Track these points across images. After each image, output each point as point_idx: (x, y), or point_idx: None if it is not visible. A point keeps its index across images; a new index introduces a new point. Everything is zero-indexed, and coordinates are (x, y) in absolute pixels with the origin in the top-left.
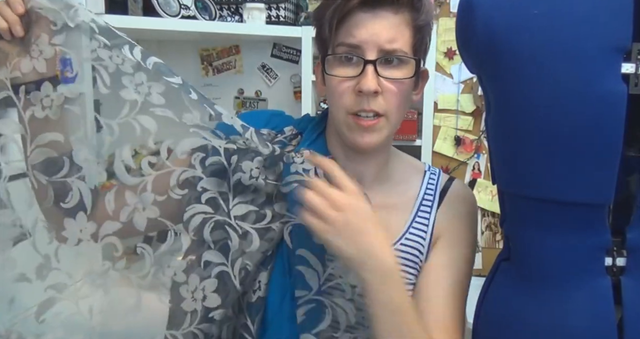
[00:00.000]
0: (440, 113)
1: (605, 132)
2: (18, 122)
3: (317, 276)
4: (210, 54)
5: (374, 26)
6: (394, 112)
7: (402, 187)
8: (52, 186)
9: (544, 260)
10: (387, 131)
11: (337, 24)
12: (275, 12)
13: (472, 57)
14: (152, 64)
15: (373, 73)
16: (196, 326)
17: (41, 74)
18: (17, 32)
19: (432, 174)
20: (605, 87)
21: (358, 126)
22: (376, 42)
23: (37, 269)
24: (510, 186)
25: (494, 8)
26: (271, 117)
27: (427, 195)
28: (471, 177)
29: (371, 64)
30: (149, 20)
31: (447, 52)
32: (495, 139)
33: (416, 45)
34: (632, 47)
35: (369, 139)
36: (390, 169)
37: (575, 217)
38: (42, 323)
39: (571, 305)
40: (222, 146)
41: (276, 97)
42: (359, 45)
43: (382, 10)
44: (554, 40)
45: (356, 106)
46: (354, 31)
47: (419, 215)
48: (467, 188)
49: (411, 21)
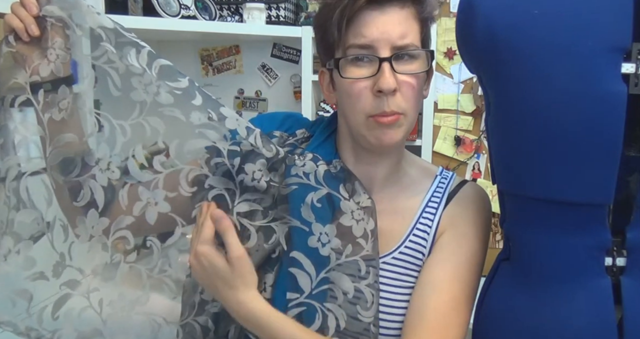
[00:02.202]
0: (440, 113)
1: (605, 132)
2: (37, 125)
3: (309, 280)
4: (210, 54)
5: (384, 24)
6: (412, 108)
7: (411, 191)
8: (67, 186)
9: (544, 260)
10: (406, 127)
11: (345, 26)
12: (275, 12)
13: (472, 57)
14: (158, 68)
15: (390, 71)
16: (193, 318)
17: (58, 76)
18: (32, 31)
19: (444, 179)
20: (605, 87)
21: (379, 124)
22: (388, 39)
23: (54, 267)
24: (510, 186)
25: (494, 8)
26: (285, 119)
27: (434, 197)
28: (471, 177)
29: (387, 62)
30: (149, 20)
31: (447, 52)
32: (495, 139)
33: (424, 38)
34: (632, 47)
35: (390, 135)
36: (400, 172)
37: (575, 217)
38: (56, 320)
39: (571, 305)
40: (225, 148)
41: (276, 97)
42: (371, 44)
43: (389, 7)
44: (554, 40)
45: (376, 109)
46: (364, 31)
47: (422, 216)
48: (481, 190)
49: (417, 14)
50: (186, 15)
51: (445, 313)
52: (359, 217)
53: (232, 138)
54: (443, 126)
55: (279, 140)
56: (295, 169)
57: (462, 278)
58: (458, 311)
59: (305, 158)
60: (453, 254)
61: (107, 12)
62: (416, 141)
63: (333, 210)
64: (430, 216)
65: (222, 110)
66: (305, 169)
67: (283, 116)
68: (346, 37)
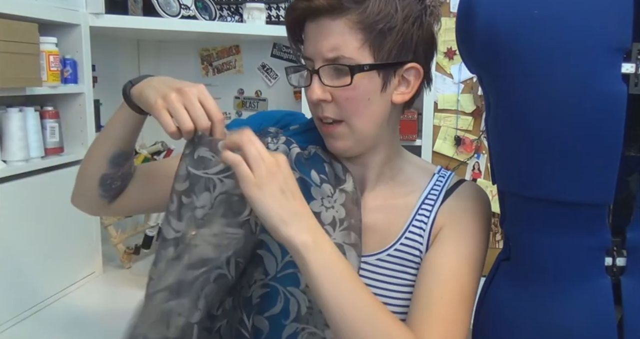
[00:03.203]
0: (440, 113)
1: (605, 132)
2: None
3: (275, 262)
4: (210, 54)
5: (317, 37)
6: (354, 117)
7: (407, 188)
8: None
9: (544, 260)
10: (352, 138)
11: (294, 38)
12: (275, 12)
13: (472, 58)
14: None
15: (318, 82)
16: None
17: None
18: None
19: (441, 177)
20: (605, 87)
21: (323, 131)
22: (319, 52)
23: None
24: (510, 186)
25: (494, 8)
26: (285, 116)
27: (431, 195)
28: (471, 177)
29: (315, 74)
30: (149, 20)
31: (447, 52)
32: (495, 139)
33: (373, 46)
34: (632, 47)
35: (335, 144)
36: (394, 170)
37: (575, 217)
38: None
39: (571, 305)
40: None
41: (276, 97)
42: (310, 57)
43: (323, 19)
44: (554, 40)
45: (316, 113)
46: (306, 44)
47: (419, 213)
48: (479, 189)
49: (358, 22)
50: (186, 15)
51: (451, 304)
52: (329, 204)
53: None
54: (443, 126)
55: (272, 136)
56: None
57: (465, 273)
58: (462, 304)
59: (278, 141)
60: (457, 248)
61: (107, 12)
62: (416, 141)
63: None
64: (426, 212)
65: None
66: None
67: (283, 114)
68: (298, 45)
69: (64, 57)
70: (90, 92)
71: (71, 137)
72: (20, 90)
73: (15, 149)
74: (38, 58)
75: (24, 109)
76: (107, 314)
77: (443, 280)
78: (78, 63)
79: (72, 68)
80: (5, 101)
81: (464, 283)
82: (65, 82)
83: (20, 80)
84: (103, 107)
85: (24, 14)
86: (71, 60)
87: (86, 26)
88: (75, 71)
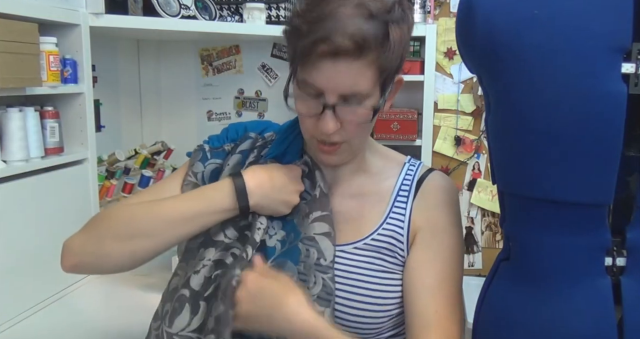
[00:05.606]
0: (440, 113)
1: (605, 132)
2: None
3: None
4: (210, 54)
5: (335, 75)
6: (356, 136)
7: (379, 178)
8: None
9: (544, 260)
10: (348, 153)
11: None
12: (275, 12)
13: (472, 57)
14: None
15: (331, 116)
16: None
17: None
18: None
19: (412, 166)
20: (605, 87)
21: (320, 149)
22: (335, 89)
23: None
24: (510, 186)
25: (494, 8)
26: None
27: (404, 185)
28: (471, 177)
29: (330, 109)
30: (149, 20)
31: (447, 52)
32: (495, 139)
33: (385, 80)
34: (632, 47)
35: (330, 160)
36: (367, 162)
37: (575, 217)
38: None
39: (571, 305)
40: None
41: (276, 97)
42: (322, 90)
43: (343, 58)
44: (553, 40)
45: (319, 136)
46: (315, 74)
47: (395, 205)
48: (446, 178)
49: (376, 59)
50: (186, 15)
51: (447, 313)
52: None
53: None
54: (443, 126)
55: (253, 141)
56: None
57: (452, 275)
58: (455, 308)
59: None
60: (438, 253)
61: (107, 12)
62: (416, 141)
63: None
64: (402, 204)
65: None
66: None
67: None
68: (301, 69)
69: (64, 57)
70: (90, 92)
71: (71, 137)
72: (20, 90)
73: (15, 149)
74: (38, 58)
75: (24, 109)
76: (107, 314)
77: (432, 294)
78: (78, 63)
79: (72, 68)
80: (5, 101)
81: (451, 284)
82: (65, 82)
83: (20, 80)
84: (103, 107)
85: (24, 14)
86: (71, 60)
87: (86, 26)
88: (75, 71)
